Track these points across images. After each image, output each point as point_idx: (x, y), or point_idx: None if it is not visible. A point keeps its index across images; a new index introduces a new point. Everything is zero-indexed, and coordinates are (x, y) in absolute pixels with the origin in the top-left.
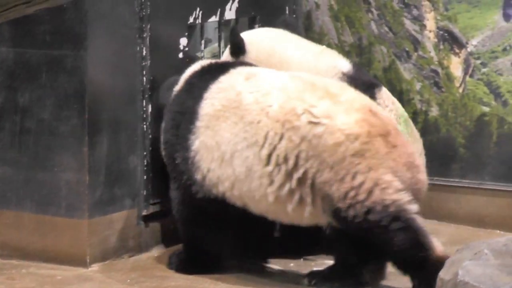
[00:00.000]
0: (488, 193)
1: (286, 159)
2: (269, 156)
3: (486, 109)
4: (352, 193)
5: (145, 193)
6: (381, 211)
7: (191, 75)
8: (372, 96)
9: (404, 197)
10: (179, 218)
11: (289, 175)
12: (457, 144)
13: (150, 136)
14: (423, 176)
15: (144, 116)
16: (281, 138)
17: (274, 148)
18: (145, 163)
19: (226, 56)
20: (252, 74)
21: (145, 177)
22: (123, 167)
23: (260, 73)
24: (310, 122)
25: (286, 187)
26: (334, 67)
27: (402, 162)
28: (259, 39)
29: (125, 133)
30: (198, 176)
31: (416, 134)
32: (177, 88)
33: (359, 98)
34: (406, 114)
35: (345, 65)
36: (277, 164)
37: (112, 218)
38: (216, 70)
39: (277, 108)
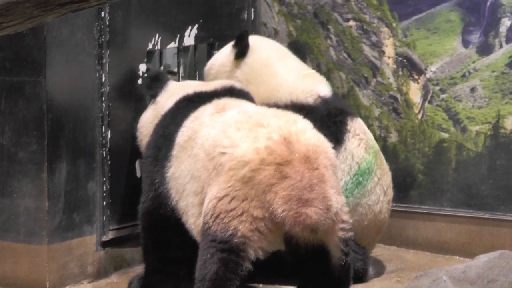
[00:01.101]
0: (447, 219)
1: (203, 188)
2: (199, 188)
3: (445, 135)
4: (222, 215)
5: (104, 219)
6: (225, 239)
7: (181, 99)
8: (343, 123)
9: (254, 234)
10: (143, 229)
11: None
12: (416, 170)
13: (110, 162)
14: (311, 210)
15: (103, 142)
16: (204, 170)
17: (200, 179)
18: (104, 189)
19: (225, 53)
20: (224, 107)
21: (104, 203)
22: (82, 193)
23: (232, 106)
24: (220, 153)
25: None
26: (312, 90)
27: (284, 195)
28: (261, 48)
29: (84, 160)
30: (171, 203)
31: (386, 167)
32: (168, 107)
33: (285, 126)
34: (377, 146)
35: (324, 90)
36: (201, 195)
37: (71, 244)
38: (202, 98)
39: (210, 142)
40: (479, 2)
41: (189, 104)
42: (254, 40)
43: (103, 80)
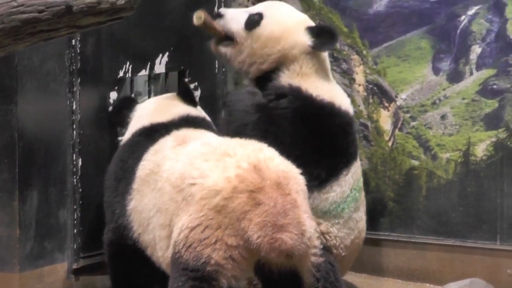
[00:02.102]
0: (418, 246)
1: (171, 220)
2: (166, 220)
3: (415, 162)
4: (195, 244)
5: (75, 247)
6: (197, 267)
7: (138, 131)
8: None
9: (228, 262)
10: (109, 259)
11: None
12: (386, 197)
13: (81, 190)
14: (286, 235)
15: (74, 170)
16: (172, 202)
17: (167, 212)
18: (75, 217)
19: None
20: (185, 140)
21: (75, 230)
22: (54, 221)
23: (193, 138)
24: (190, 184)
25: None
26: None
27: (258, 221)
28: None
29: (55, 187)
30: (133, 235)
31: (364, 200)
32: (125, 138)
33: (253, 155)
34: (361, 181)
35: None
36: (169, 227)
37: (43, 272)
38: (160, 130)
39: (177, 175)
40: (449, 29)
41: (148, 137)
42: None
43: (74, 108)
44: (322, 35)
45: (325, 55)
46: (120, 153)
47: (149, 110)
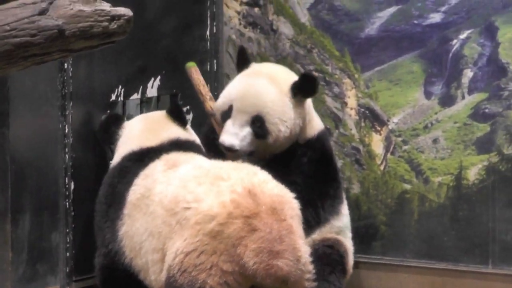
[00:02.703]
0: (410, 270)
1: (164, 244)
2: (159, 244)
3: (407, 186)
4: (190, 269)
5: (67, 270)
6: None
7: (128, 156)
8: None
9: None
10: (101, 284)
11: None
12: (378, 221)
13: (73, 213)
14: (282, 262)
15: (67, 193)
16: (165, 226)
17: (160, 235)
18: (68, 240)
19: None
20: (175, 163)
21: (67, 254)
22: (46, 244)
23: (183, 162)
24: (184, 208)
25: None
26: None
27: (254, 248)
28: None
29: (47, 211)
30: (125, 260)
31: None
32: (115, 161)
33: (247, 179)
34: None
35: None
36: (162, 251)
37: None
38: (150, 154)
39: (170, 198)
40: (441, 53)
41: (137, 162)
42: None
43: (67, 131)
44: (303, 85)
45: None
46: (109, 177)
47: (138, 132)
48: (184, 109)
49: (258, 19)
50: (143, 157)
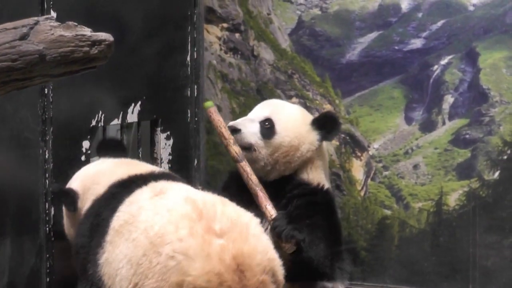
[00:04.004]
0: None
1: (140, 279)
2: (136, 277)
3: (387, 212)
4: None
5: None
6: None
7: (115, 184)
8: None
9: None
10: None
11: None
12: (358, 247)
13: (53, 239)
14: None
15: (47, 218)
16: (146, 260)
17: (139, 266)
18: (48, 265)
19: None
20: (163, 191)
21: (48, 279)
22: (27, 270)
23: (170, 190)
24: (169, 256)
25: None
26: None
27: None
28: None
29: (28, 236)
30: None
31: None
32: (99, 192)
33: (239, 242)
34: None
35: None
36: (137, 286)
37: None
38: (136, 182)
39: (156, 231)
40: (422, 79)
41: (124, 188)
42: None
43: (47, 156)
44: (326, 125)
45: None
46: (94, 208)
47: (122, 167)
48: (164, 134)
49: (239, 44)
50: (130, 184)
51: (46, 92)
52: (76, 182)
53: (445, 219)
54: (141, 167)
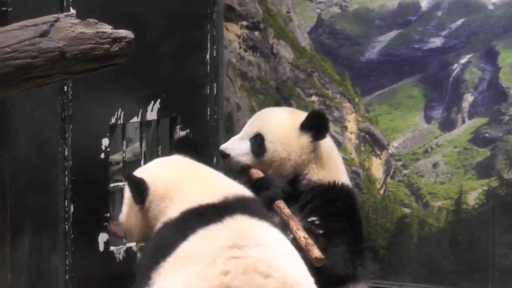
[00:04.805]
0: None
1: None
2: None
3: (407, 210)
4: None
5: None
6: None
7: (189, 212)
8: None
9: None
10: None
11: None
12: (378, 245)
13: (72, 236)
14: None
15: (66, 216)
16: None
17: None
18: (67, 263)
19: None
20: (239, 244)
21: (67, 276)
22: (45, 267)
23: (251, 240)
24: None
25: None
26: None
27: None
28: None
29: (47, 233)
30: None
31: None
32: (173, 216)
33: None
34: None
35: None
36: None
37: None
38: (211, 214)
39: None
40: (442, 77)
41: (197, 217)
42: None
43: (66, 154)
44: (314, 124)
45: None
46: (163, 231)
47: (194, 183)
48: (183, 132)
49: (259, 42)
50: (204, 215)
51: (65, 89)
52: (149, 177)
53: (464, 218)
54: (215, 186)
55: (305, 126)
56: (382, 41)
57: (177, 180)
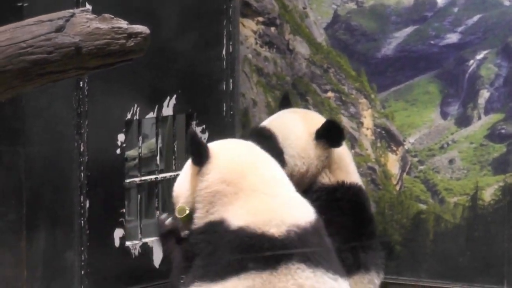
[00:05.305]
0: None
1: None
2: None
3: (423, 206)
4: None
5: None
6: None
7: (243, 236)
8: None
9: None
10: None
11: None
12: (393, 241)
13: (88, 232)
14: None
15: (82, 211)
16: None
17: None
18: (83, 259)
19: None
20: None
21: (82, 272)
22: (61, 263)
23: None
24: None
25: None
26: None
27: None
28: None
29: (62, 229)
30: None
31: None
32: (223, 227)
33: None
34: None
35: None
36: None
37: None
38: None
39: None
40: (458, 73)
41: (248, 252)
42: None
43: (82, 149)
44: (330, 134)
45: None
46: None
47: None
48: (199, 128)
49: (275, 38)
50: (258, 247)
51: (81, 85)
52: (214, 153)
53: (480, 214)
54: (277, 204)
55: (321, 135)
56: (398, 37)
57: (243, 171)
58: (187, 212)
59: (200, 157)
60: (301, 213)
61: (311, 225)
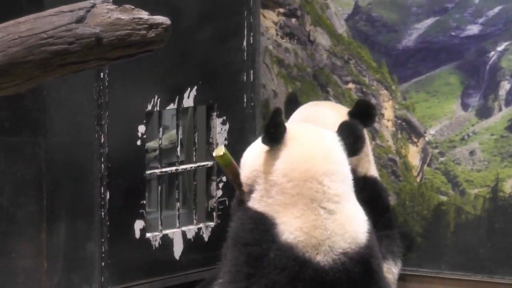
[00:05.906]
0: (445, 282)
1: None
2: None
3: (443, 198)
4: None
5: (102, 280)
6: None
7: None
8: None
9: None
10: None
11: None
12: (414, 233)
13: (108, 223)
14: None
15: (102, 203)
16: None
17: None
18: (103, 250)
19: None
20: None
21: (102, 263)
22: (81, 254)
23: None
24: None
25: None
26: None
27: None
28: None
29: (83, 220)
30: None
31: None
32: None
33: None
34: None
35: None
36: None
37: None
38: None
39: None
40: (479, 65)
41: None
42: None
43: (102, 141)
44: (362, 113)
45: None
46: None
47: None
48: (220, 119)
49: (295, 29)
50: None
51: (102, 76)
52: (288, 139)
53: (501, 206)
54: (350, 216)
55: (355, 115)
56: (419, 28)
57: (309, 174)
58: (223, 152)
59: (272, 139)
60: (353, 238)
61: (359, 254)
